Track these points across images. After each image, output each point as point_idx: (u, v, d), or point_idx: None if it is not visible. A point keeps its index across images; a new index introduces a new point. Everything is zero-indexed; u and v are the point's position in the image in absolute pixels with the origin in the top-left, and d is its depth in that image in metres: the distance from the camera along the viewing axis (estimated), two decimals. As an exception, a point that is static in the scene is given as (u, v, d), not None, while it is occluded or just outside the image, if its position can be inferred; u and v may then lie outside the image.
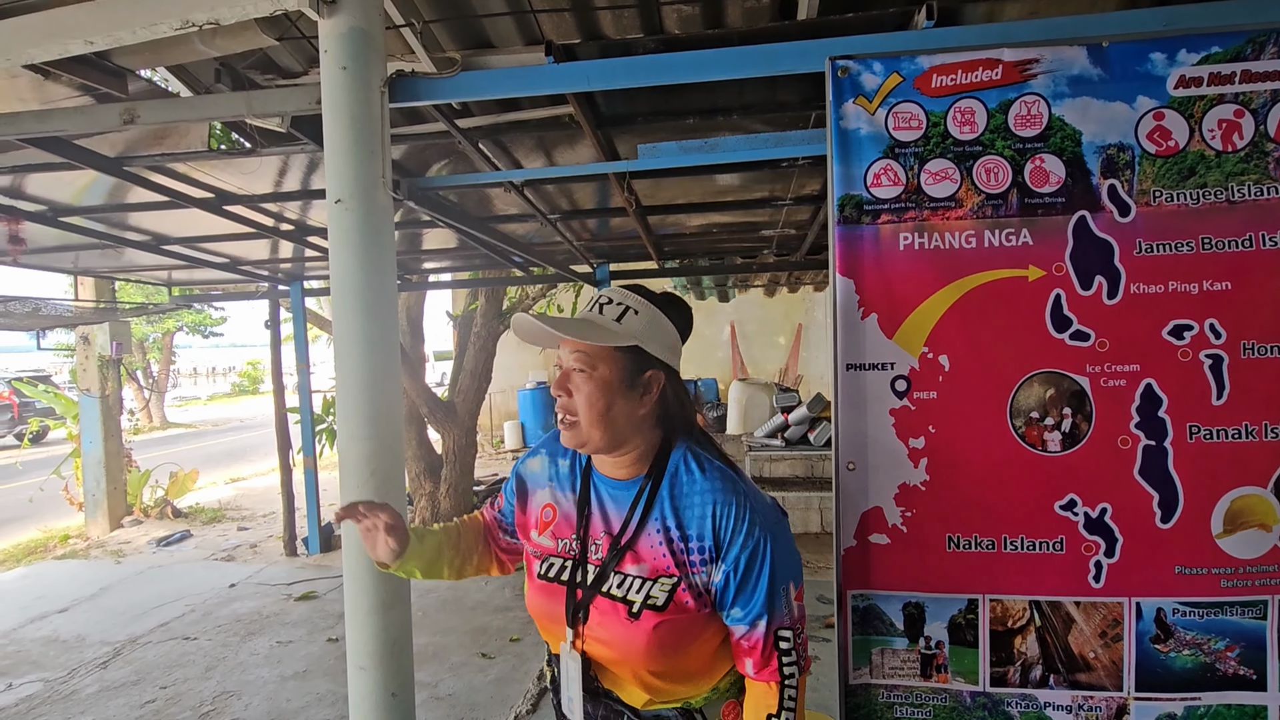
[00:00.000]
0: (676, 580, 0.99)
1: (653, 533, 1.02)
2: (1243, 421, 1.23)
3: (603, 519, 1.06)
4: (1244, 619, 1.24)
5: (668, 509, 1.02)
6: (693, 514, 1.00)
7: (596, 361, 1.01)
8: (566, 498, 1.11)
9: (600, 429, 1.01)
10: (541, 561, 1.10)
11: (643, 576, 1.01)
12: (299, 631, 3.99)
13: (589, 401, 1.01)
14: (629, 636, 0.99)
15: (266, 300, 5.59)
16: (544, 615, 1.09)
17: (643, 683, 1.03)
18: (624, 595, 1.01)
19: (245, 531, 6.44)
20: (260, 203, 3.33)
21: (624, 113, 2.42)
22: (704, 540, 0.99)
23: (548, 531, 1.11)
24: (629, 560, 1.02)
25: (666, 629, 0.98)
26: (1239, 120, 1.23)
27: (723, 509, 0.99)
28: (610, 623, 1.01)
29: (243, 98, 1.90)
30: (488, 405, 7.14)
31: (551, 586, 1.07)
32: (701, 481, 1.01)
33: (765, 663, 1.00)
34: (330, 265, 1.70)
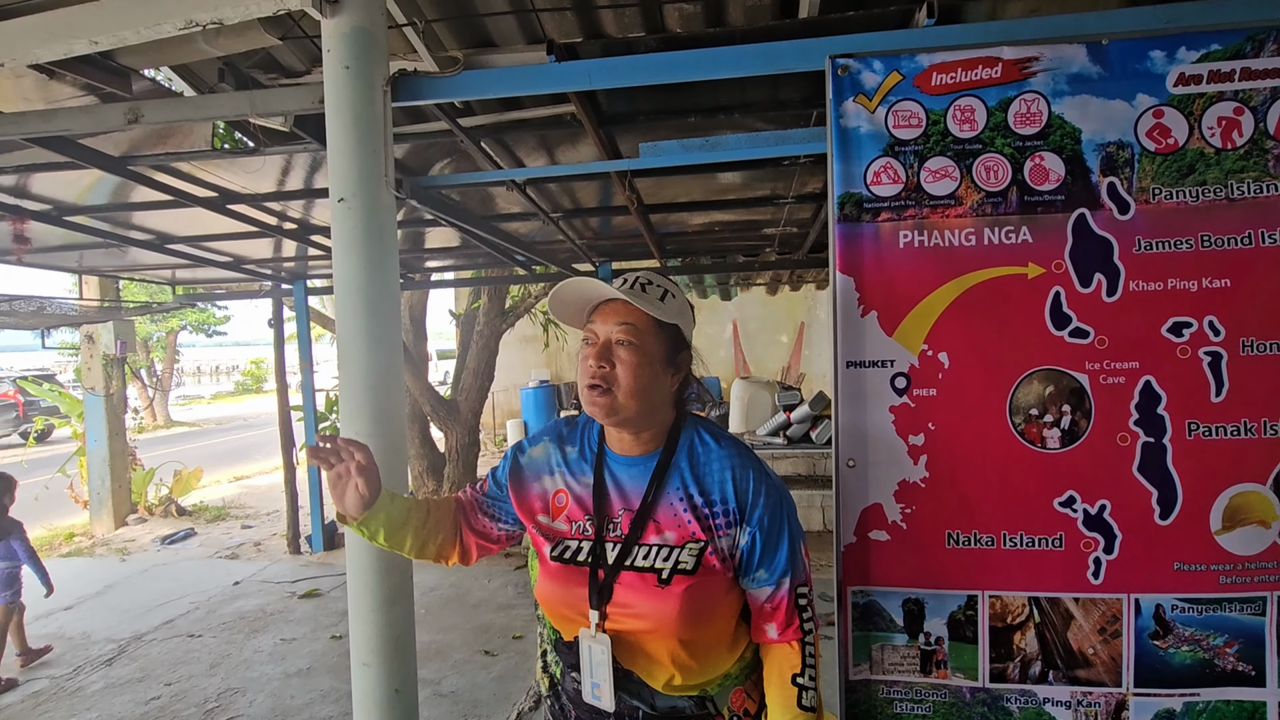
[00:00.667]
0: (704, 544, 1.03)
1: (675, 501, 1.06)
2: (1241, 418, 1.23)
3: (620, 496, 1.09)
4: (1243, 615, 1.25)
5: (688, 477, 1.06)
6: (713, 479, 1.06)
7: (644, 334, 1.05)
8: (580, 481, 1.12)
9: (637, 400, 1.04)
10: (554, 545, 1.09)
11: (668, 545, 1.04)
12: (303, 629, 4.01)
13: (633, 372, 1.03)
14: (661, 604, 1.02)
15: (270, 299, 5.61)
16: (560, 601, 1.08)
17: (671, 655, 1.04)
18: (651, 565, 1.03)
19: (249, 529, 6.47)
20: (263, 202, 3.35)
21: (626, 111, 2.43)
22: (728, 503, 1.05)
23: (561, 516, 1.11)
24: (652, 531, 1.05)
25: (697, 592, 1.02)
26: (1238, 118, 1.23)
27: (742, 473, 1.05)
28: (640, 594, 1.03)
29: (246, 97, 1.91)
30: (490, 404, 7.16)
31: (569, 569, 1.07)
32: (717, 450, 1.08)
33: (788, 622, 1.05)
34: (333, 264, 1.71)
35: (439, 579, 4.73)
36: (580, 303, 1.10)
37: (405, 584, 1.80)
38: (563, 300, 1.09)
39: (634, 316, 1.05)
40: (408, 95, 1.83)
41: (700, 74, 1.70)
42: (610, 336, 1.05)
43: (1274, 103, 1.22)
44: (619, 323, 1.05)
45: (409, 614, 1.83)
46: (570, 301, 1.10)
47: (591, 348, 1.06)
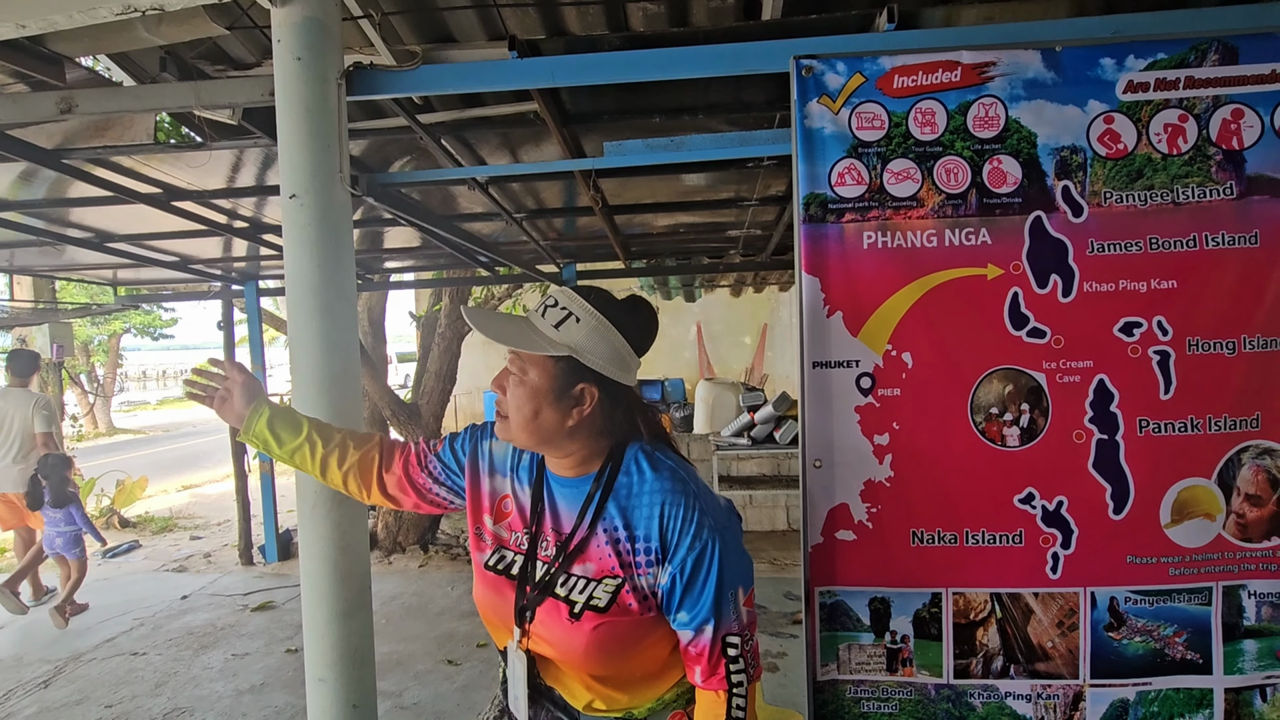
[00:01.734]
0: (621, 581, 0.97)
1: (600, 533, 1.00)
2: (1188, 415, 1.27)
3: (553, 517, 1.05)
4: (1190, 605, 1.29)
5: (615, 509, 0.99)
6: (640, 514, 0.98)
7: (528, 367, 0.99)
8: (524, 491, 1.08)
9: (526, 433, 1.00)
10: (492, 552, 1.07)
11: (588, 577, 0.99)
12: (256, 643, 3.86)
13: (516, 405, 0.99)
14: (569, 637, 0.97)
15: (220, 300, 5.40)
16: (490, 609, 1.07)
17: (586, 685, 1.02)
18: (567, 595, 0.98)
19: (198, 541, 6.21)
20: (212, 198, 3.21)
21: (590, 110, 2.40)
22: (650, 541, 0.96)
23: (504, 522, 1.09)
24: (576, 561, 1.00)
25: (607, 631, 0.96)
26: (1183, 125, 1.27)
27: (671, 509, 0.96)
28: (552, 623, 0.99)
29: (190, 88, 1.82)
30: (452, 407, 7.04)
31: (499, 580, 1.05)
32: (652, 481, 0.99)
33: (713, 670, 0.97)
34: (285, 263, 1.64)
35: (400, 587, 4.62)
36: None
37: (364, 594, 1.74)
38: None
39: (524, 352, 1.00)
40: (363, 89, 1.77)
41: (665, 73, 1.69)
42: (508, 363, 1.02)
43: (1215, 111, 1.27)
44: (509, 351, 1.01)
45: (367, 626, 1.77)
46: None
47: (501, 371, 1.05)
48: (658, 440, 1.06)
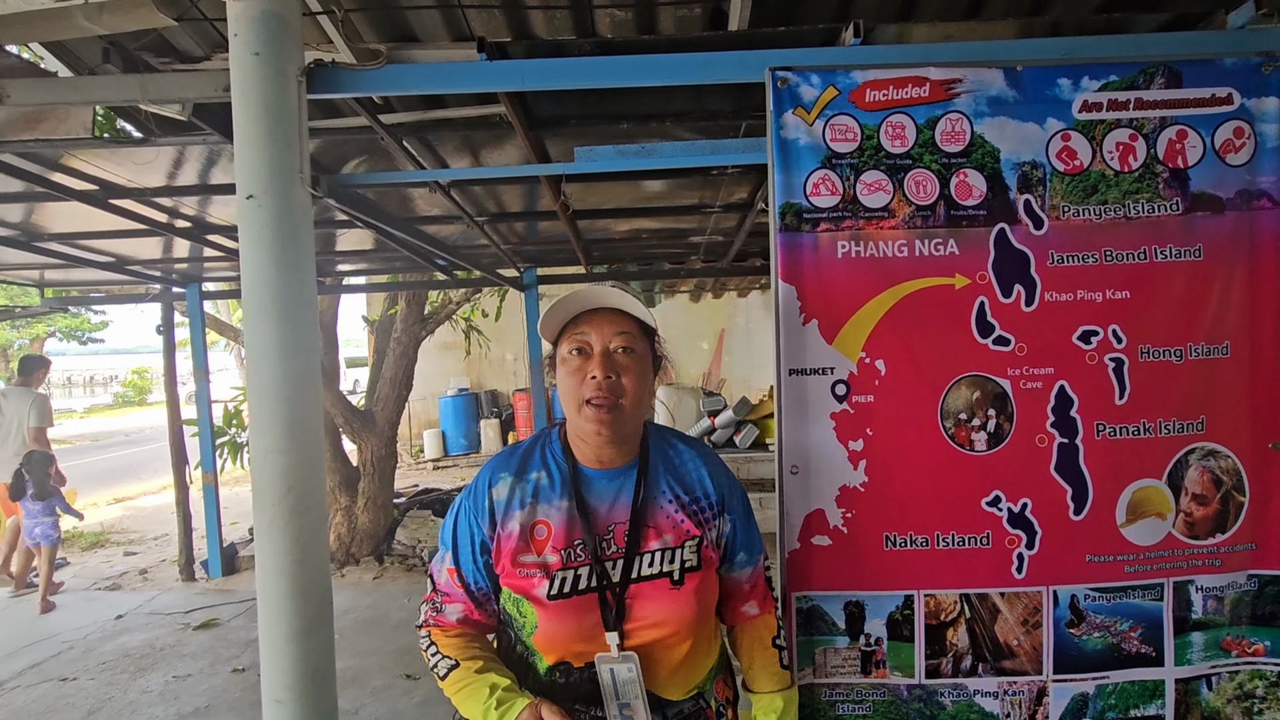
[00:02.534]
0: (699, 539, 1.07)
1: (665, 503, 1.07)
2: (1141, 419, 1.34)
3: (605, 511, 1.06)
4: (1144, 601, 1.35)
5: (670, 478, 1.09)
6: (692, 478, 1.11)
7: (640, 342, 1.05)
8: (557, 507, 1.06)
9: (639, 410, 1.05)
10: (552, 580, 1.02)
11: (669, 547, 1.06)
12: (199, 663, 3.67)
13: (637, 382, 1.02)
14: (679, 606, 1.04)
15: (159, 303, 5.13)
16: (572, 636, 1.02)
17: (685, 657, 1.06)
18: (659, 570, 1.04)
19: (133, 556, 5.88)
20: (153, 197, 3.05)
21: (557, 115, 2.38)
22: (710, 497, 1.11)
23: (546, 548, 1.04)
24: (651, 537, 1.05)
25: (705, 585, 1.07)
26: (1133, 144, 1.34)
27: (715, 467, 1.13)
28: (658, 601, 1.03)
29: (137, 81, 1.73)
30: (406, 414, 6.87)
31: (576, 600, 1.02)
32: (687, 450, 1.13)
33: (764, 596, 1.18)
34: (242, 265, 1.57)
35: (354, 600, 4.47)
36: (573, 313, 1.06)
37: (324, 611, 1.67)
38: (554, 320, 1.06)
39: (629, 324, 1.04)
40: (325, 87, 1.71)
41: (636, 80, 1.68)
42: (607, 345, 1.03)
43: (1162, 131, 1.35)
44: (617, 331, 1.04)
45: (328, 644, 1.69)
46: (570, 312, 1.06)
47: (585, 358, 1.03)
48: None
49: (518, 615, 1.06)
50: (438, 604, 1.11)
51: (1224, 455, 1.35)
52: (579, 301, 1.05)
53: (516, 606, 1.06)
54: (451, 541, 1.09)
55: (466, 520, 1.08)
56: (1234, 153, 1.34)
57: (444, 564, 1.10)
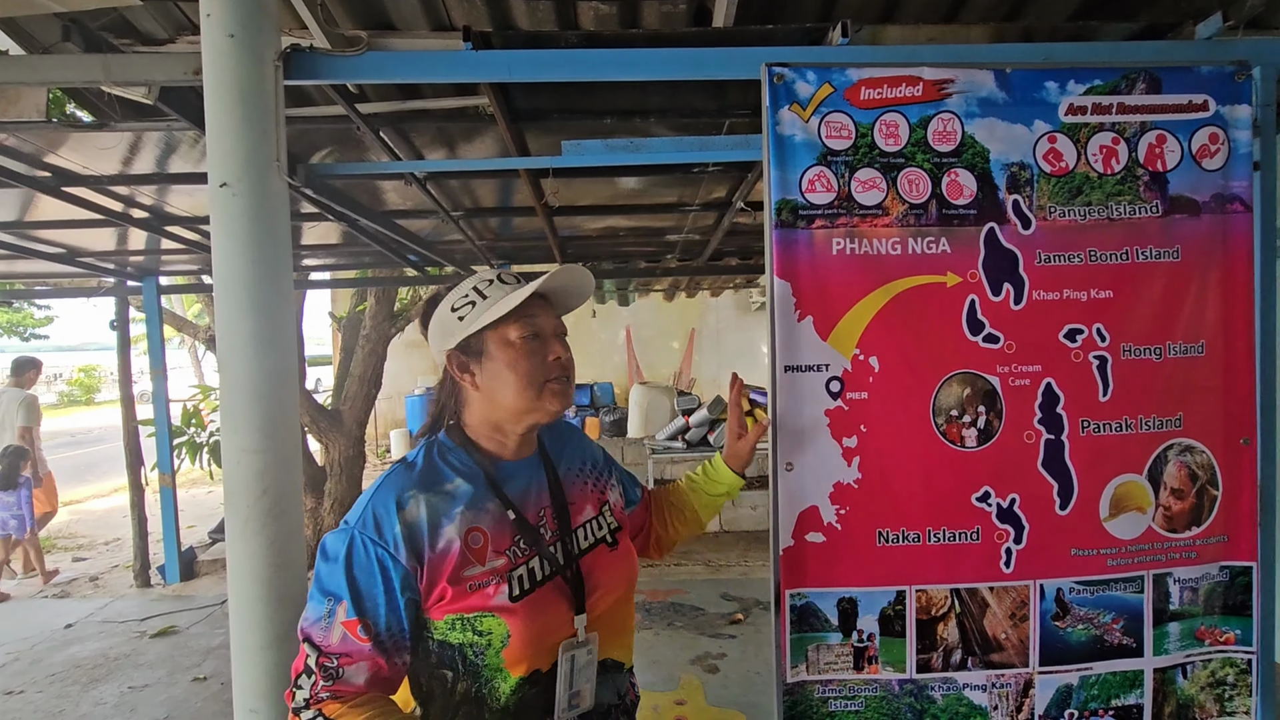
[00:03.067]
0: (608, 502, 1.16)
1: (574, 482, 1.13)
2: (1123, 416, 1.37)
3: (529, 500, 1.06)
4: (1126, 594, 1.39)
5: (566, 460, 1.15)
6: (581, 453, 1.19)
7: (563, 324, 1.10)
8: (487, 509, 1.00)
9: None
10: (511, 582, 0.97)
11: (591, 517, 1.12)
12: (157, 673, 3.52)
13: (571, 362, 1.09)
14: (623, 565, 1.11)
15: (113, 298, 4.91)
16: (547, 631, 0.98)
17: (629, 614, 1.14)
18: (594, 539, 1.10)
19: (83, 562, 5.63)
20: (110, 185, 2.91)
21: (539, 108, 2.35)
22: (598, 461, 1.21)
23: (489, 554, 0.98)
24: (577, 516, 1.10)
25: (628, 539, 1.17)
26: (1115, 147, 1.37)
27: (587, 439, 1.26)
28: (605, 568, 1.08)
29: (100, 61, 1.64)
30: (372, 413, 6.71)
31: (541, 593, 0.99)
32: (566, 429, 1.22)
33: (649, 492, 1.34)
34: (214, 256, 1.51)
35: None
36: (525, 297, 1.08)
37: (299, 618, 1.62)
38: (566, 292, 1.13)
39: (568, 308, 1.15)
40: (302, 73, 1.64)
41: (626, 74, 1.66)
42: (553, 329, 1.08)
43: (1142, 135, 1.38)
44: (557, 315, 1.10)
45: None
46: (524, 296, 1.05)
47: (541, 341, 1.05)
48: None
49: (475, 638, 0.95)
50: (333, 670, 0.90)
51: (1199, 450, 1.40)
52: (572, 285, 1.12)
53: (471, 629, 0.95)
54: (347, 587, 0.91)
55: (369, 558, 0.92)
56: (1209, 158, 1.38)
57: (335, 619, 0.90)
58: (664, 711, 3.01)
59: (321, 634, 0.91)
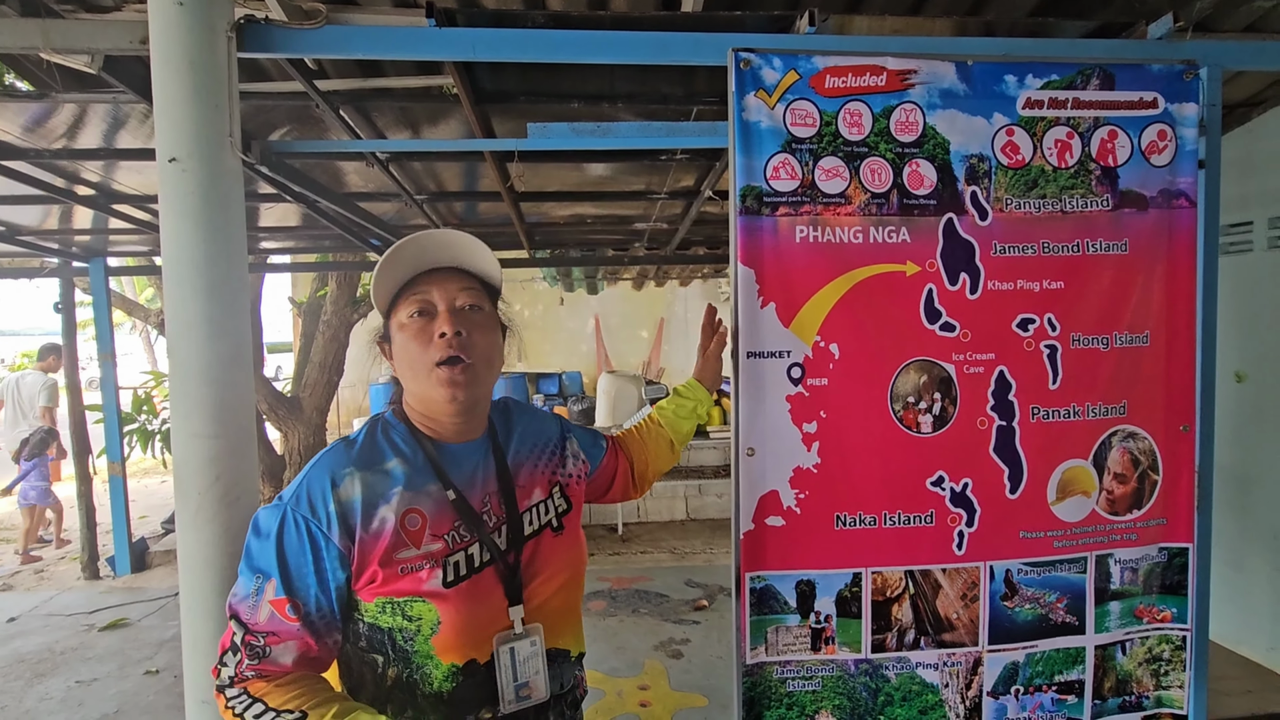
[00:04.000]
0: (562, 482, 1.11)
1: (524, 464, 1.07)
2: (1071, 403, 1.42)
3: (479, 484, 1.00)
4: (1070, 574, 1.45)
5: (519, 436, 1.10)
6: (531, 431, 1.12)
7: (485, 299, 1.00)
8: (428, 492, 0.95)
9: (491, 371, 1.00)
10: (445, 567, 0.93)
11: (542, 500, 1.06)
12: (106, 666, 3.41)
13: (488, 339, 0.98)
14: (568, 550, 1.06)
15: (57, 279, 4.70)
16: (481, 620, 0.94)
17: (576, 601, 1.09)
18: (539, 525, 1.04)
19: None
20: (54, 159, 2.78)
21: (504, 90, 2.30)
22: (551, 437, 1.15)
23: (425, 537, 0.93)
24: (523, 497, 1.04)
25: (578, 523, 1.11)
26: (1070, 141, 1.41)
27: (546, 415, 1.20)
28: (548, 554, 1.03)
29: (38, 27, 1.55)
30: (335, 401, 6.56)
31: (475, 581, 0.94)
32: (520, 409, 1.16)
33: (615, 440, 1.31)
34: (163, 235, 1.45)
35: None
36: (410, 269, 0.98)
37: (255, 606, 1.58)
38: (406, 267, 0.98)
39: (472, 280, 0.99)
40: (257, 45, 1.58)
41: (592, 56, 1.64)
42: (453, 302, 0.96)
43: (1095, 130, 1.42)
44: (463, 287, 0.98)
45: (260, 640, 1.60)
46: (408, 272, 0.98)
47: (429, 319, 0.95)
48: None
49: (404, 623, 0.92)
50: (259, 649, 0.87)
51: (1142, 437, 1.45)
52: (416, 256, 0.97)
53: (401, 613, 0.92)
54: (277, 565, 0.88)
55: (300, 535, 0.89)
56: (1158, 154, 1.43)
57: (263, 597, 0.88)
58: (627, 696, 3.03)
59: (249, 612, 0.89)
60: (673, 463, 1.35)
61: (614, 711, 2.88)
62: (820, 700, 1.39)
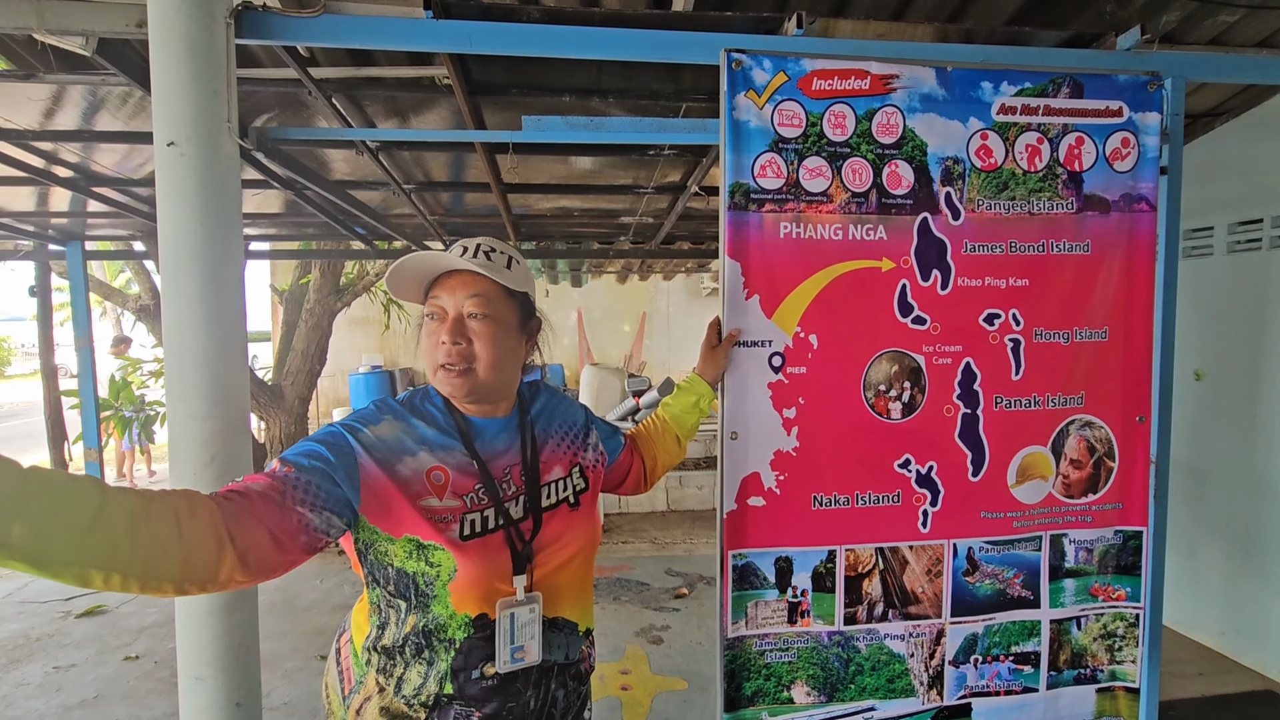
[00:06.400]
0: (582, 465, 1.19)
1: (549, 443, 1.15)
2: (1032, 393, 1.51)
3: (501, 456, 1.08)
4: (1026, 552, 1.54)
5: (549, 417, 1.18)
6: (565, 416, 1.21)
7: (496, 304, 1.04)
8: (453, 453, 1.04)
9: (496, 374, 1.04)
10: (460, 523, 1.01)
11: (560, 478, 1.13)
12: (84, 652, 3.40)
13: (492, 345, 1.03)
14: (582, 526, 1.13)
15: (33, 262, 4.62)
16: (490, 575, 1.02)
17: (585, 574, 1.15)
18: (556, 499, 1.11)
19: (-3, 541, 5.31)
20: (32, 140, 2.75)
21: (497, 82, 2.34)
22: (578, 423, 1.23)
23: (447, 493, 1.02)
24: (544, 476, 1.12)
25: (595, 502, 1.19)
26: (1040, 146, 1.49)
27: (577, 404, 1.27)
28: (562, 528, 1.10)
29: (32, 7, 1.56)
30: (315, 391, 6.52)
31: (486, 540, 1.02)
32: (551, 393, 1.24)
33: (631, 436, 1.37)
34: (159, 218, 1.47)
35: (264, 584, 4.25)
36: (422, 277, 1.05)
37: (249, 590, 1.61)
38: (403, 277, 1.04)
39: (483, 286, 1.03)
40: (254, 32, 1.61)
41: (586, 51, 1.69)
42: (461, 310, 1.02)
43: (1064, 137, 1.51)
44: (470, 294, 1.02)
45: (252, 620, 1.64)
46: (411, 277, 1.05)
47: (439, 324, 1.03)
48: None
49: (426, 568, 1.00)
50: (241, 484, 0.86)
51: (1098, 426, 1.55)
52: (430, 265, 1.03)
53: (425, 559, 0.99)
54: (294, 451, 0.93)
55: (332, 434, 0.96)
56: (1121, 160, 1.52)
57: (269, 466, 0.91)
58: (609, 681, 3.10)
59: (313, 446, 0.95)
60: (680, 456, 1.40)
61: (596, 695, 2.95)
62: (796, 670, 1.46)
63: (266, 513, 0.84)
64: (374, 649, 1.06)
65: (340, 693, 1.12)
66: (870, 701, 1.49)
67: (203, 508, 0.77)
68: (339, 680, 1.13)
